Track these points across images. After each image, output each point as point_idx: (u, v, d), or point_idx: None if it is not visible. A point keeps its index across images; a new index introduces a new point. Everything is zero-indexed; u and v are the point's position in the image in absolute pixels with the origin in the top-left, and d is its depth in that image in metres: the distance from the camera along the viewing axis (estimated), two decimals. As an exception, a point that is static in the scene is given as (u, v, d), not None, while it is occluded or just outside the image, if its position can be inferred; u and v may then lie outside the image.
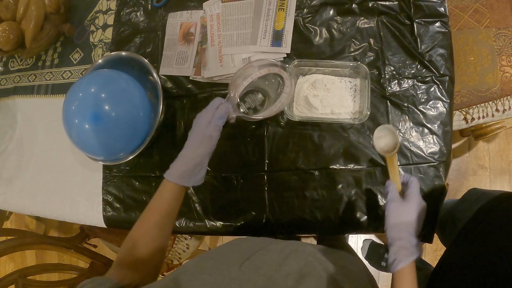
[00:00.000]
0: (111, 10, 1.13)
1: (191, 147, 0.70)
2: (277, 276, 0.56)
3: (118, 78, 0.88)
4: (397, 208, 0.67)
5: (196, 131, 0.70)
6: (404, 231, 0.65)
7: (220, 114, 0.70)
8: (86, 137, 0.83)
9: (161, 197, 0.70)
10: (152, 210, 0.69)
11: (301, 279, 0.56)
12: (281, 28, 0.91)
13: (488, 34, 1.03)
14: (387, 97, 0.85)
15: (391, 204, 0.68)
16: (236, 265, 0.58)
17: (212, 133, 0.69)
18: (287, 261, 0.60)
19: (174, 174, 0.69)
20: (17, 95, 1.23)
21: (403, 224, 0.65)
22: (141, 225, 0.69)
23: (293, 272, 0.57)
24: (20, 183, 1.16)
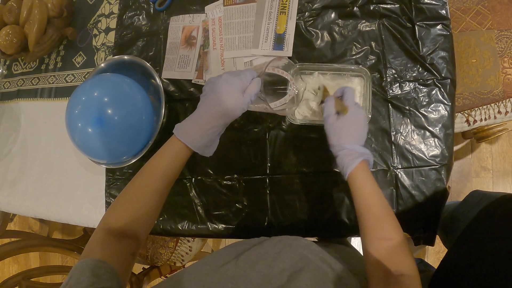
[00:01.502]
0: (113, 13, 1.14)
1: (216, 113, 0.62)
2: (272, 273, 0.56)
3: (120, 82, 0.88)
4: (334, 123, 0.67)
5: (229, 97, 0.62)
6: (345, 144, 0.65)
7: (256, 90, 0.64)
8: (89, 140, 0.84)
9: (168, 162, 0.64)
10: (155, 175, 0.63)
11: (295, 274, 0.56)
12: (282, 32, 0.92)
13: (490, 36, 1.03)
14: (389, 100, 0.85)
15: (328, 120, 0.68)
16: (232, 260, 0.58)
17: (244, 107, 0.64)
18: (281, 256, 0.60)
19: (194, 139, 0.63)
20: (20, 98, 1.24)
21: (343, 138, 0.66)
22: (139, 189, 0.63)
23: (287, 267, 0.57)
24: (24, 185, 1.17)
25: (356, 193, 0.63)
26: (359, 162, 0.63)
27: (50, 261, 2.25)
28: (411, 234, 0.83)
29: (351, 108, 0.67)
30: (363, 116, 0.68)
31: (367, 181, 0.63)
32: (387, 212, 0.61)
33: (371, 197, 0.62)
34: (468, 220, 0.82)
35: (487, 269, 0.64)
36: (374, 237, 0.59)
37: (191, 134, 0.63)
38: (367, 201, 0.62)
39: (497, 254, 0.64)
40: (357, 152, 0.65)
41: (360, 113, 0.68)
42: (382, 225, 0.60)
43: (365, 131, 0.68)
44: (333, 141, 0.68)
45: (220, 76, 0.64)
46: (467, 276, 0.68)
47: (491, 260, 0.65)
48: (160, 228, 0.97)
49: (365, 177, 0.63)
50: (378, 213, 0.61)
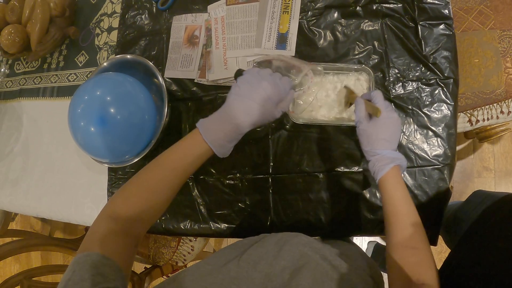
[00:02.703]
0: (116, 13, 1.14)
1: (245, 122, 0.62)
2: (273, 272, 0.56)
3: (123, 81, 0.88)
4: (366, 128, 0.67)
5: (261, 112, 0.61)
6: (377, 149, 0.65)
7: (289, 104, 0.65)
8: (91, 140, 0.84)
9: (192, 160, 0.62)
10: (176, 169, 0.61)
11: (296, 272, 0.56)
12: (285, 31, 0.92)
13: (493, 36, 1.03)
14: (392, 100, 0.85)
15: (360, 126, 0.68)
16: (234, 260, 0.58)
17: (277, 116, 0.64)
18: (282, 254, 0.60)
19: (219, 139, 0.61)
20: (22, 98, 1.24)
21: (376, 143, 0.66)
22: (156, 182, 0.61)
23: (288, 265, 0.57)
24: (26, 185, 1.17)
25: (386, 200, 0.63)
26: (390, 168, 0.63)
27: (52, 261, 2.25)
28: (414, 234, 0.83)
29: (384, 111, 0.66)
30: (396, 118, 0.67)
31: (396, 188, 0.63)
32: (415, 221, 0.61)
33: (400, 205, 0.62)
34: (471, 220, 0.82)
35: (491, 269, 0.64)
36: (400, 245, 0.59)
37: (217, 140, 0.61)
38: (395, 208, 0.62)
39: (501, 254, 0.64)
40: (389, 157, 0.64)
41: (393, 116, 0.67)
42: (410, 233, 0.60)
43: (399, 134, 0.68)
44: (366, 146, 0.68)
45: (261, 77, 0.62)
46: (470, 276, 0.68)
47: (494, 260, 0.65)
48: (162, 227, 0.97)
49: (395, 183, 0.63)
50: (407, 221, 0.61)
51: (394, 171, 0.64)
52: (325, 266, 0.59)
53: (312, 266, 0.58)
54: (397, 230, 0.61)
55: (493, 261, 0.65)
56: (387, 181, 0.63)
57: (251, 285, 0.54)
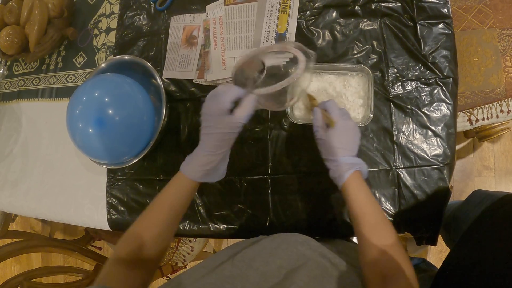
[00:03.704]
0: (114, 13, 1.13)
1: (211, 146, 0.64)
2: (269, 270, 0.56)
3: (121, 82, 0.88)
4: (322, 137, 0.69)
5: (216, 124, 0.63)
6: (336, 156, 0.67)
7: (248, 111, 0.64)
8: (90, 141, 0.84)
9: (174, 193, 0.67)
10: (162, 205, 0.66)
11: (292, 272, 0.56)
12: (284, 31, 0.91)
13: (492, 35, 1.02)
14: (391, 100, 0.84)
15: (316, 135, 0.70)
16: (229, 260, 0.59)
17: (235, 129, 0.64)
18: (278, 252, 0.60)
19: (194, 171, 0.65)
20: (21, 99, 1.24)
21: (333, 151, 0.67)
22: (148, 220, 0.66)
23: (285, 264, 0.57)
24: (25, 186, 1.17)
25: (350, 203, 0.65)
26: (350, 174, 0.65)
27: (52, 262, 2.25)
28: (413, 234, 0.83)
29: (338, 121, 0.68)
30: (352, 126, 0.69)
31: (359, 191, 0.64)
32: (381, 219, 0.63)
33: (365, 206, 0.64)
34: (471, 219, 0.82)
35: (491, 269, 0.64)
36: (370, 244, 0.60)
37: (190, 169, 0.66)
38: (361, 210, 0.63)
39: (501, 254, 0.64)
40: (347, 163, 0.66)
41: (348, 124, 0.69)
42: (378, 231, 0.61)
43: (356, 140, 0.69)
44: (324, 155, 0.69)
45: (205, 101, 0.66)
46: (470, 276, 0.68)
47: (494, 260, 0.65)
48: (161, 228, 0.97)
49: (357, 186, 0.65)
50: (372, 220, 0.62)
51: (355, 176, 0.65)
52: (325, 263, 0.59)
53: (309, 265, 0.58)
54: (365, 230, 0.62)
55: (493, 261, 0.65)
56: (349, 186, 0.65)
57: (246, 284, 0.53)
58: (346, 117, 0.70)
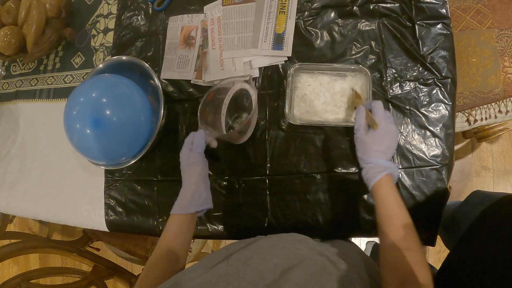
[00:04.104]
0: (112, 14, 1.13)
1: (184, 179, 0.75)
2: (266, 268, 0.56)
3: (119, 83, 0.88)
4: (363, 137, 0.70)
5: (182, 166, 0.76)
6: (372, 158, 0.68)
7: (197, 142, 0.76)
8: (87, 142, 0.83)
9: (166, 232, 0.72)
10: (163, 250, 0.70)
11: (288, 270, 0.55)
12: (282, 31, 0.91)
13: (491, 35, 1.02)
14: (389, 100, 0.84)
15: (357, 134, 0.71)
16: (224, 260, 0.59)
17: (194, 160, 0.75)
18: (275, 250, 0.60)
19: (175, 206, 0.73)
20: (19, 100, 1.24)
21: (371, 152, 0.68)
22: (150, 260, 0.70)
23: (281, 263, 0.57)
24: (23, 187, 1.16)
25: (379, 204, 0.66)
26: (382, 176, 0.66)
27: (50, 263, 2.24)
28: (412, 235, 0.83)
29: (382, 124, 0.69)
30: (393, 131, 0.70)
31: (388, 193, 0.65)
32: (408, 223, 0.63)
33: (393, 208, 0.64)
34: (470, 220, 0.82)
35: (491, 269, 0.64)
36: (394, 247, 0.61)
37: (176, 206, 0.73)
38: (388, 211, 0.64)
39: (500, 255, 0.64)
40: (382, 166, 0.67)
41: (391, 128, 0.69)
42: (402, 235, 0.61)
43: (395, 145, 0.70)
44: (361, 154, 0.70)
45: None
46: (470, 276, 0.68)
47: (494, 261, 0.64)
48: (159, 229, 0.97)
49: (387, 189, 0.66)
50: (399, 223, 0.63)
51: (387, 178, 0.66)
52: (323, 260, 0.59)
53: (307, 263, 0.57)
54: (390, 232, 0.62)
55: (493, 262, 0.65)
56: (380, 187, 0.66)
57: (241, 281, 0.53)
58: (389, 120, 0.70)
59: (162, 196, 0.98)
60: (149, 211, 0.98)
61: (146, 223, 0.98)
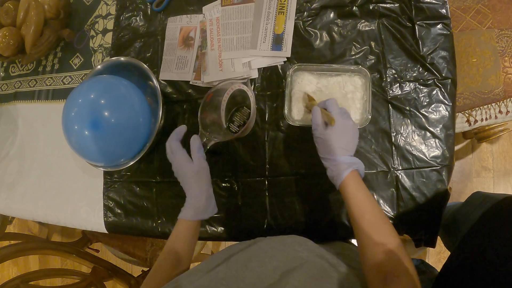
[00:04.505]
0: (110, 14, 1.13)
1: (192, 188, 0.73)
2: (265, 271, 0.56)
3: (117, 84, 0.87)
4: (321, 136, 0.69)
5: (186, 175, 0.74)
6: (335, 155, 0.67)
7: (197, 146, 0.75)
8: (86, 143, 0.83)
9: (176, 237, 0.72)
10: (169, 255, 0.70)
11: (288, 272, 0.55)
12: (281, 32, 0.91)
13: (491, 35, 1.02)
14: (389, 101, 0.84)
15: (315, 134, 0.70)
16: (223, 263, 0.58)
17: (202, 165, 0.74)
18: (275, 253, 0.60)
19: (188, 212, 0.72)
20: (18, 101, 1.23)
21: (332, 150, 0.68)
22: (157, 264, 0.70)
23: (281, 266, 0.57)
24: (22, 188, 1.16)
25: (349, 202, 0.65)
26: (348, 173, 0.65)
27: (50, 264, 2.24)
28: (412, 236, 0.82)
29: (338, 120, 0.68)
30: (351, 125, 0.69)
31: (358, 190, 0.64)
32: (380, 218, 0.62)
33: (364, 205, 0.63)
34: (471, 222, 0.81)
35: (492, 271, 0.64)
36: (370, 243, 0.60)
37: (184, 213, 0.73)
38: (360, 209, 0.63)
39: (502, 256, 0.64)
40: (346, 163, 0.66)
41: (348, 123, 0.69)
42: (377, 230, 0.61)
43: (355, 140, 0.70)
44: (322, 153, 0.69)
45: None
46: (472, 278, 0.67)
47: (495, 263, 0.64)
48: (158, 231, 0.96)
49: (356, 185, 0.65)
50: (372, 219, 0.62)
51: (353, 175, 0.65)
52: (323, 263, 0.59)
53: (306, 266, 0.57)
54: (365, 230, 0.61)
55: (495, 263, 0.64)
56: (348, 185, 0.65)
57: (240, 284, 0.53)
58: (346, 116, 0.70)
59: (161, 198, 0.97)
60: (148, 213, 0.98)
61: (145, 225, 0.98)
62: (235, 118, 0.89)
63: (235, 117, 0.89)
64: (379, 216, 0.62)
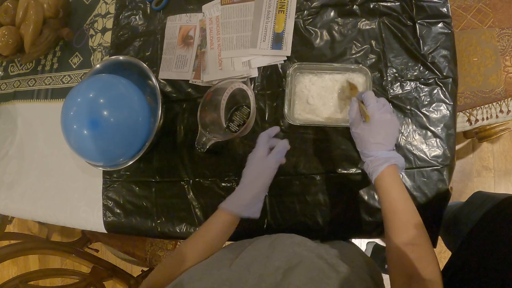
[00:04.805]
0: (110, 13, 1.12)
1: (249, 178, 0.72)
2: (267, 272, 0.55)
3: (116, 83, 0.87)
4: (358, 131, 0.68)
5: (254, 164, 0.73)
6: (372, 151, 0.66)
7: (281, 151, 0.74)
8: (85, 143, 0.83)
9: (210, 229, 0.69)
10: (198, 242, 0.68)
11: (289, 271, 0.55)
12: (281, 31, 0.90)
13: (492, 34, 1.01)
14: (390, 100, 0.83)
15: (352, 128, 0.70)
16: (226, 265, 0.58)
17: (272, 166, 0.73)
18: (275, 254, 0.60)
19: (230, 203, 0.70)
20: (17, 100, 1.23)
21: (368, 145, 0.67)
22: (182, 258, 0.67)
23: (282, 265, 0.57)
24: (21, 188, 1.16)
25: (382, 198, 0.64)
26: (384, 168, 0.64)
27: (49, 264, 2.24)
28: (413, 236, 0.82)
29: (374, 115, 0.67)
30: (389, 119, 0.67)
31: (392, 187, 0.63)
32: (413, 217, 0.61)
33: (397, 202, 0.62)
34: (472, 222, 0.81)
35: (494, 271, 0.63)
36: (400, 242, 0.59)
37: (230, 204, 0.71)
38: (392, 206, 0.62)
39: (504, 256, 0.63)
40: (382, 158, 0.65)
41: (385, 117, 0.67)
42: (409, 230, 0.60)
43: (395, 133, 0.68)
44: (360, 147, 0.69)
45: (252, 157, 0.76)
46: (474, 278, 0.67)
47: (497, 263, 0.64)
48: (158, 231, 0.96)
49: (391, 182, 0.63)
50: (404, 218, 0.61)
51: (390, 170, 0.64)
52: (322, 264, 0.58)
53: (307, 265, 0.57)
54: (395, 228, 0.61)
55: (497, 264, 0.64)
56: (382, 180, 0.64)
57: (244, 286, 0.53)
58: (384, 109, 0.68)
59: (161, 197, 0.97)
60: (148, 213, 0.97)
61: (145, 225, 0.97)
62: (235, 118, 0.89)
63: (234, 117, 0.89)
64: (412, 215, 0.61)
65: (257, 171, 0.72)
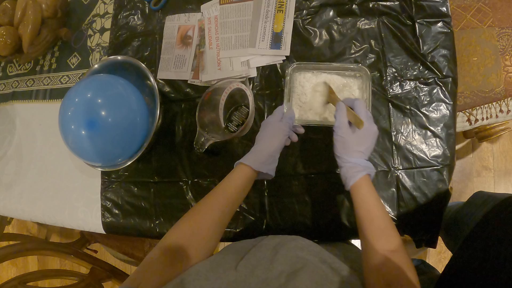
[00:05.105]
0: (108, 13, 1.12)
1: (265, 139, 0.73)
2: (271, 276, 0.55)
3: (114, 83, 0.87)
4: (344, 136, 0.68)
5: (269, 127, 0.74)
6: (352, 158, 0.67)
7: (290, 116, 0.76)
8: (82, 143, 0.82)
9: (229, 182, 0.69)
10: (218, 195, 0.68)
11: (293, 274, 0.55)
12: (280, 30, 0.90)
13: (491, 34, 1.01)
14: (389, 100, 0.83)
15: (338, 132, 0.69)
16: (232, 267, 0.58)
17: (284, 128, 0.74)
18: (278, 258, 0.59)
19: (249, 158, 0.70)
20: (15, 100, 1.23)
21: (351, 152, 0.67)
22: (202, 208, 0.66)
23: (286, 269, 0.56)
24: (20, 188, 1.15)
25: (359, 205, 0.64)
26: (362, 176, 0.65)
27: (48, 264, 2.23)
28: (413, 237, 0.82)
29: (366, 122, 0.67)
30: (375, 131, 0.69)
31: (369, 194, 0.64)
32: (390, 224, 0.62)
33: (374, 210, 0.63)
34: (473, 222, 0.81)
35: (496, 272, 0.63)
36: (378, 249, 0.59)
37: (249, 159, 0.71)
38: (370, 213, 0.63)
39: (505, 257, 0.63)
40: (361, 166, 0.66)
41: (373, 128, 0.68)
42: (385, 237, 0.60)
43: (373, 145, 0.69)
44: (340, 152, 0.69)
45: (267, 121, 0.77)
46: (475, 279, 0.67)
47: (499, 263, 0.63)
48: (156, 231, 0.96)
49: (368, 189, 0.64)
50: (381, 225, 0.61)
51: (366, 178, 0.65)
52: (325, 269, 0.58)
53: (310, 269, 0.57)
54: (372, 234, 0.61)
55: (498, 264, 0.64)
56: (361, 187, 0.65)
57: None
58: (371, 120, 0.69)
59: (159, 198, 0.96)
60: (146, 213, 0.97)
61: (143, 225, 0.97)
62: (234, 117, 0.89)
63: (233, 116, 0.89)
64: (388, 222, 0.62)
65: (272, 133, 0.73)
